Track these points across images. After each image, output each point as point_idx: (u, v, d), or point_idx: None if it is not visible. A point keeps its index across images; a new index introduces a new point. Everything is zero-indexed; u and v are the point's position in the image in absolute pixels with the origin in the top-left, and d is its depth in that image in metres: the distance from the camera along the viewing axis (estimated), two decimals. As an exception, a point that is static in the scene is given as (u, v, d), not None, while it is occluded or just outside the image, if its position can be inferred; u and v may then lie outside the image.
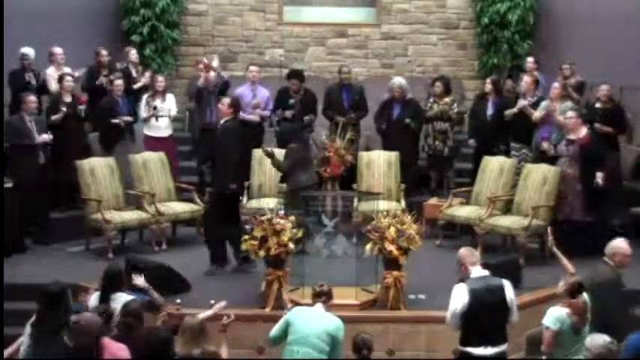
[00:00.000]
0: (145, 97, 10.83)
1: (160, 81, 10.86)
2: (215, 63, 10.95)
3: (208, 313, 6.70)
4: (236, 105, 9.02)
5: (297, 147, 9.15)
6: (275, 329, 6.40)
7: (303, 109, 10.81)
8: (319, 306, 6.40)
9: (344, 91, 11.09)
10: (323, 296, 6.43)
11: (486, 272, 6.23)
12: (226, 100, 8.96)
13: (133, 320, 5.88)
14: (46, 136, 9.62)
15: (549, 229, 7.53)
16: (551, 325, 6.26)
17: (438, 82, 11.04)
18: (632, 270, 8.81)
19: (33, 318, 6.06)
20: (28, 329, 6.03)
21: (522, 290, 8.27)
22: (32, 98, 9.68)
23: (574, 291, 6.34)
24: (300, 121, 10.69)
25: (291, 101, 10.82)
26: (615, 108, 10.25)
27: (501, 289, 6.13)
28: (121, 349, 5.60)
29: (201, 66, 10.96)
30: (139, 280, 6.89)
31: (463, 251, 6.34)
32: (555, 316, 6.29)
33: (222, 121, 8.90)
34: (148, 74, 11.19)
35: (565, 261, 7.07)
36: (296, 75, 10.99)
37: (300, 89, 10.85)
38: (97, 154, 10.33)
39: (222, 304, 6.83)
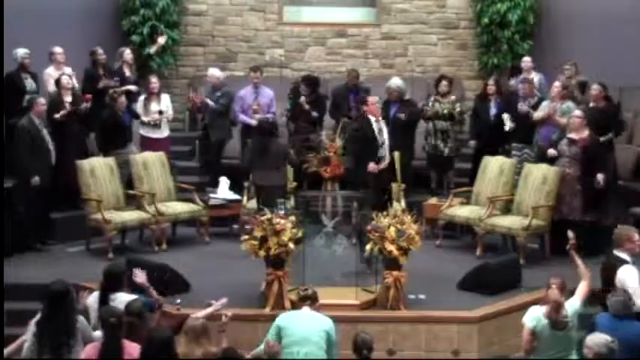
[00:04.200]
0: (141, 98, 10.83)
1: (154, 82, 10.86)
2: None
3: (208, 310, 6.71)
4: None
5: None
6: (267, 338, 6.38)
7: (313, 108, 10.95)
8: (306, 309, 6.43)
9: (351, 94, 11.13)
10: (308, 300, 6.49)
11: (626, 256, 6.87)
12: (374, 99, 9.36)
13: (136, 320, 5.88)
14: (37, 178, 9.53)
15: (570, 233, 7.31)
16: (527, 323, 6.35)
17: (445, 81, 11.06)
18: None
19: (37, 317, 6.05)
20: (32, 328, 6.03)
21: (522, 290, 8.30)
22: (42, 100, 9.67)
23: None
24: (307, 117, 10.88)
25: (288, 106, 10.87)
26: (608, 107, 10.18)
27: (615, 270, 6.75)
28: (135, 349, 5.63)
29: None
30: (141, 278, 6.86)
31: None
32: (531, 314, 6.38)
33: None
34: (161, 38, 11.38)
35: (582, 266, 6.93)
36: (305, 81, 11.03)
37: (310, 94, 10.91)
38: (97, 154, 10.32)
39: (223, 301, 6.83)
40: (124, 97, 10.32)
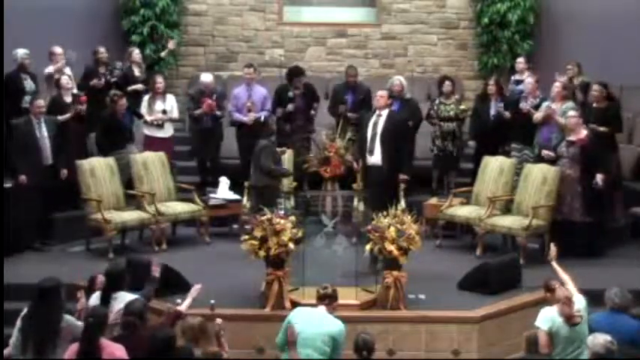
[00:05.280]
0: (145, 98, 10.84)
1: (159, 82, 10.86)
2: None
3: (188, 300, 6.69)
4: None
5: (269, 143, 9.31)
6: (280, 335, 6.38)
7: (305, 101, 10.99)
8: (322, 308, 6.40)
9: (349, 92, 11.13)
10: (327, 299, 6.42)
11: None
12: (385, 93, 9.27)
13: (136, 320, 5.89)
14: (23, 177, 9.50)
15: (552, 245, 7.34)
16: (542, 326, 6.37)
17: (448, 81, 11.07)
18: (632, 270, 8.90)
19: (24, 311, 6.11)
20: (18, 323, 6.06)
21: (522, 290, 8.30)
22: (40, 102, 9.65)
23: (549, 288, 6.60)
24: (303, 114, 10.88)
25: (290, 94, 10.87)
26: (609, 107, 10.16)
27: None
28: (118, 349, 5.62)
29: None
30: (157, 273, 6.90)
31: None
32: (544, 315, 6.40)
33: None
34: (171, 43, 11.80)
35: (562, 275, 6.96)
36: (298, 73, 11.04)
37: (299, 86, 10.95)
38: (97, 154, 10.31)
39: (198, 286, 6.82)
40: (124, 100, 10.28)
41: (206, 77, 11.24)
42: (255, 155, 9.23)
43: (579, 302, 6.46)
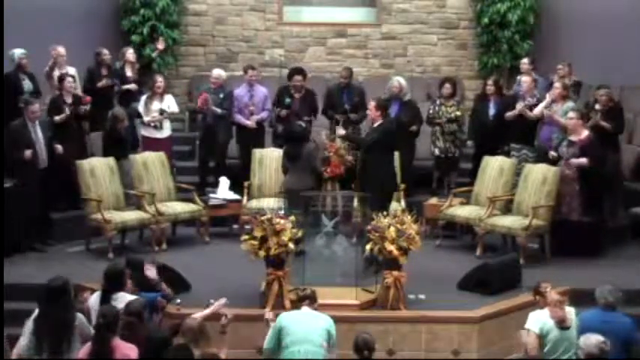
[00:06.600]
0: (143, 97, 10.82)
1: (159, 82, 10.85)
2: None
3: (207, 311, 6.71)
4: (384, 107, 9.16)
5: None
6: (269, 339, 6.45)
7: (304, 107, 10.91)
8: (305, 308, 6.48)
9: (344, 93, 11.12)
10: (307, 299, 6.54)
11: None
12: (372, 104, 9.04)
13: (135, 320, 5.89)
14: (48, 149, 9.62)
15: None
16: (532, 327, 6.41)
17: (447, 84, 11.04)
18: (632, 270, 8.90)
19: (35, 313, 6.09)
20: (30, 324, 6.04)
21: (522, 290, 8.30)
22: (35, 108, 9.52)
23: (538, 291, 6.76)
24: (296, 120, 10.75)
25: (288, 101, 10.86)
26: (613, 108, 10.15)
27: None
28: (131, 349, 5.63)
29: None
30: (152, 272, 6.92)
31: None
32: (535, 318, 6.45)
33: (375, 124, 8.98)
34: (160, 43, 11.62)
35: None
36: (298, 72, 11.04)
37: (302, 87, 10.90)
38: (97, 154, 10.32)
39: (222, 301, 6.85)
40: (126, 122, 10.19)
41: (216, 71, 11.24)
42: (302, 158, 9.07)
43: (569, 310, 6.50)
